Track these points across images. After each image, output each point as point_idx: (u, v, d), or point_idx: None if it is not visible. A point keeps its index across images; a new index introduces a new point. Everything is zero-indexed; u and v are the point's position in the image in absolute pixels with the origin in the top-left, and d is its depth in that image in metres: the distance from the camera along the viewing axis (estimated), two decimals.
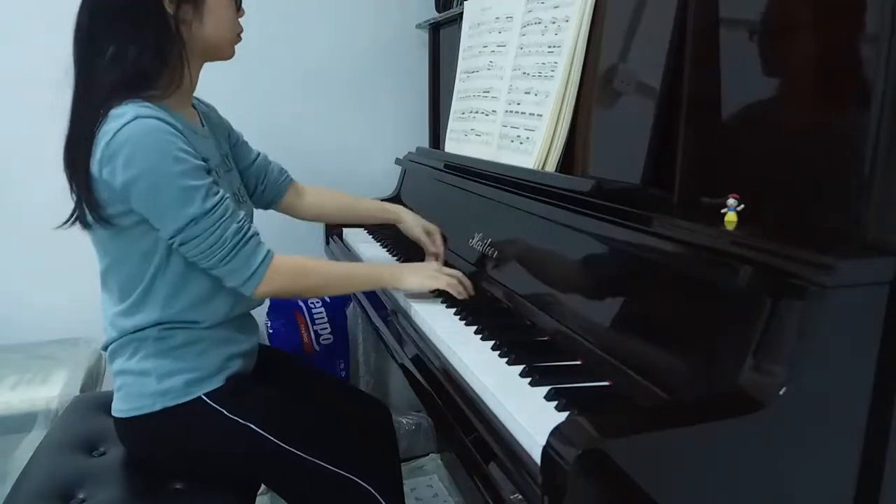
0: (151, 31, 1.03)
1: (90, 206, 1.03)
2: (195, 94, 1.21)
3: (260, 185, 1.42)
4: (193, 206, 1.01)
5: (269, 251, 1.09)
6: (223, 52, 1.15)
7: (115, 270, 1.10)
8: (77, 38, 1.05)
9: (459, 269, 1.39)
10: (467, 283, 1.26)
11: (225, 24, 1.11)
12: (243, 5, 1.17)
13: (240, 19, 1.16)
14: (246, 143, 1.40)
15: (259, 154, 1.42)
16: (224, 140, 1.31)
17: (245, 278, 1.07)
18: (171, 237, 1.02)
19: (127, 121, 0.98)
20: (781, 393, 0.67)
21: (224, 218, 1.04)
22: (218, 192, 1.05)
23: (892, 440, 0.72)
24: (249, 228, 1.08)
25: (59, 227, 1.08)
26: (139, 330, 1.09)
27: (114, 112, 1.00)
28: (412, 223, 1.48)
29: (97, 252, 1.11)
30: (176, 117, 1.06)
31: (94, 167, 1.00)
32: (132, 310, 1.09)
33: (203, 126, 1.20)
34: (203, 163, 1.05)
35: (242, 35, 1.17)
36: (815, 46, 0.81)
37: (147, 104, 1.02)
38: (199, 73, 1.15)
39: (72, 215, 1.07)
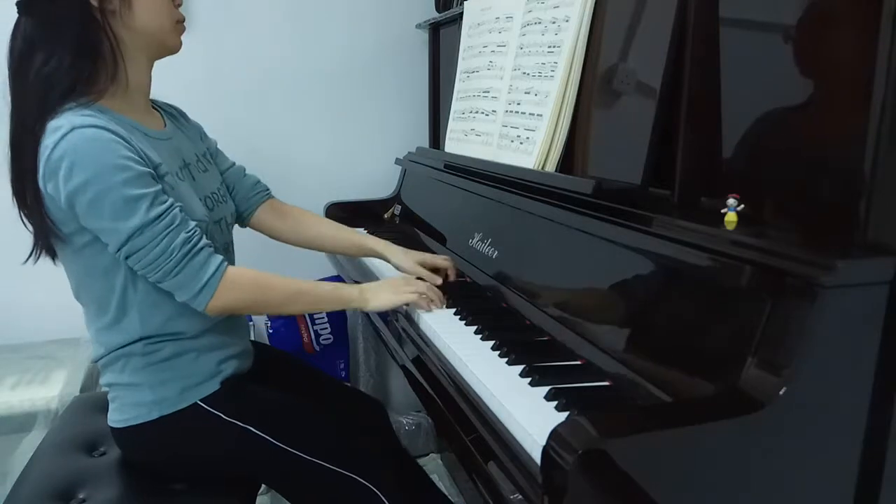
0: (76, 29, 0.99)
1: (48, 228, 1.00)
2: (168, 101, 1.16)
3: (229, 195, 1.32)
4: (137, 216, 0.96)
5: (222, 262, 1.04)
6: (165, 43, 1.08)
7: (84, 289, 1.08)
8: (9, 63, 1.01)
9: (459, 269, 1.39)
10: (436, 295, 1.22)
11: (156, 9, 1.05)
12: None
13: (179, 8, 1.09)
14: (220, 151, 1.34)
15: (233, 164, 1.36)
16: (198, 140, 1.27)
17: (195, 292, 1.01)
18: (118, 250, 0.98)
19: (64, 133, 0.94)
20: (782, 393, 0.67)
21: (171, 228, 0.99)
22: (165, 200, 1.00)
23: (892, 440, 0.72)
24: (200, 239, 1.02)
25: (24, 262, 1.04)
26: (125, 346, 1.07)
27: (51, 125, 0.96)
28: (401, 259, 1.36)
29: (65, 272, 1.08)
30: (121, 121, 1.01)
31: (41, 184, 0.97)
32: (112, 326, 1.07)
33: (165, 127, 1.15)
34: (149, 169, 1.00)
35: (186, 24, 1.10)
36: (816, 46, 0.81)
37: (86, 111, 0.97)
38: (146, 71, 1.09)
39: (33, 250, 1.04)
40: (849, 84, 0.77)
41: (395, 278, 1.29)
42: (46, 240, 1.03)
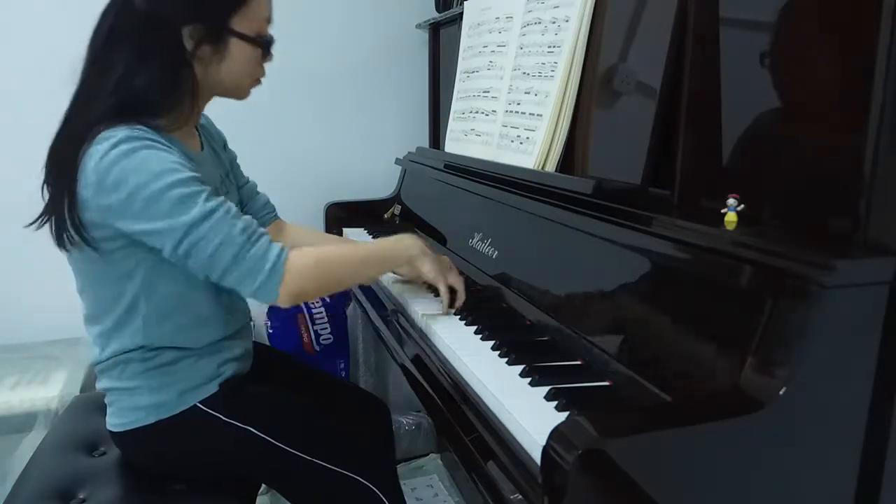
0: (164, 63, 1.00)
1: (73, 227, 0.98)
2: None
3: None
4: (195, 208, 0.95)
5: (283, 247, 1.02)
6: (237, 94, 1.12)
7: (92, 291, 1.07)
8: (90, 52, 1.02)
9: (459, 270, 1.39)
10: (460, 296, 1.21)
11: (244, 70, 1.09)
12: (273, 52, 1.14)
13: (265, 64, 1.13)
14: (238, 165, 1.36)
15: (249, 180, 1.38)
16: (223, 153, 1.28)
17: (263, 279, 0.98)
18: (176, 246, 0.96)
19: (116, 142, 0.94)
20: (781, 393, 0.67)
21: (229, 216, 0.98)
22: (218, 196, 1.00)
23: (892, 440, 0.72)
24: (258, 227, 1.02)
25: (28, 225, 1.03)
26: (123, 353, 1.06)
27: (104, 133, 0.95)
28: (405, 268, 1.26)
29: (73, 270, 1.07)
30: (172, 141, 1.03)
31: (81, 189, 0.96)
32: (112, 332, 1.06)
33: (203, 149, 1.18)
34: (199, 175, 1.00)
35: (263, 80, 1.14)
36: (816, 47, 0.81)
37: (140, 127, 0.98)
38: (206, 104, 1.13)
39: (40, 216, 1.02)
40: (849, 84, 0.77)
41: (444, 258, 1.27)
42: (67, 234, 1.00)
